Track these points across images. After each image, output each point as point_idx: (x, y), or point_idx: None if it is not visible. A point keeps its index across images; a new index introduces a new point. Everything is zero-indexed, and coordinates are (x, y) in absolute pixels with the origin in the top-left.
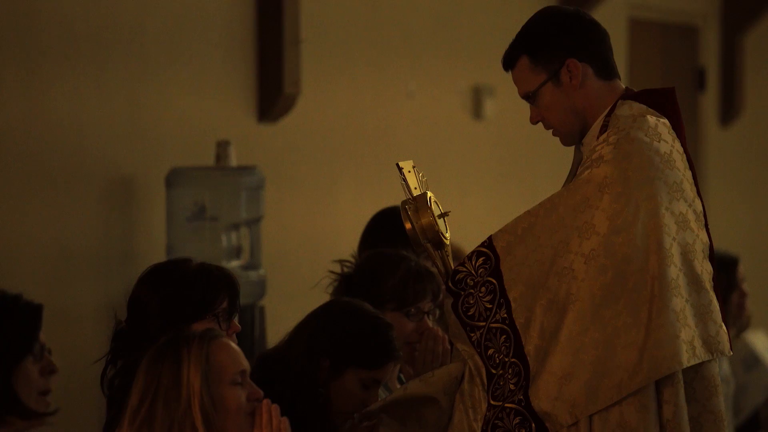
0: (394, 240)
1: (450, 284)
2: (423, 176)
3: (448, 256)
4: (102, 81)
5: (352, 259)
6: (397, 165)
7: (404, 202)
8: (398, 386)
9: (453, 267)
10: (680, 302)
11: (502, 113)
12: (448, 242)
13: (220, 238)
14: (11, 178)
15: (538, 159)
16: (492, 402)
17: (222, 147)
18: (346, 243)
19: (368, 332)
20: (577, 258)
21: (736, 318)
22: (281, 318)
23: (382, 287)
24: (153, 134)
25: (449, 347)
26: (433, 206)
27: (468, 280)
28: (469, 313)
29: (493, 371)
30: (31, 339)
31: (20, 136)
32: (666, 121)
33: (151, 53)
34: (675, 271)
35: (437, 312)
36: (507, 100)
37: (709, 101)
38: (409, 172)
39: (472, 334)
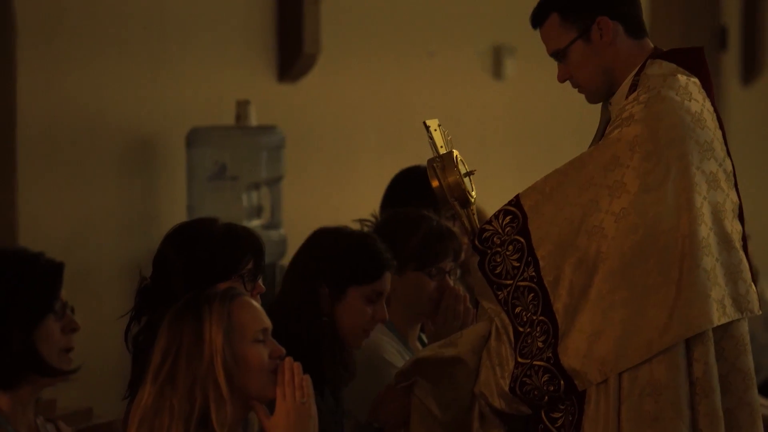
0: (417, 198)
1: (476, 242)
2: (448, 134)
3: (474, 214)
4: (122, 41)
5: (373, 219)
6: (424, 123)
7: (431, 160)
8: (419, 346)
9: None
10: (710, 261)
11: (523, 73)
12: (473, 200)
13: (240, 198)
14: (33, 140)
15: (558, 119)
16: (519, 360)
17: (242, 107)
18: (367, 202)
19: (358, 248)
20: (607, 216)
21: None
22: None
23: (403, 247)
24: (173, 94)
25: (471, 307)
26: (459, 165)
27: (494, 239)
28: (496, 272)
29: (521, 329)
30: (52, 297)
31: (41, 98)
32: (696, 80)
33: (172, 13)
34: (705, 231)
35: (458, 271)
36: (527, 60)
37: (731, 60)
38: (435, 130)
39: (499, 293)
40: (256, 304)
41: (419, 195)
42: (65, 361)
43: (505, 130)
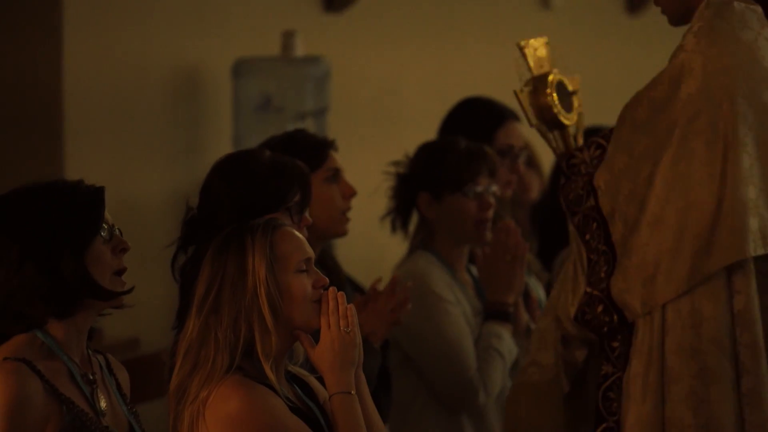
0: (472, 129)
1: (564, 166)
2: (555, 52)
3: (569, 136)
4: None
5: (405, 158)
6: (518, 44)
7: (530, 80)
8: (467, 277)
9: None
10: (754, 191)
11: (570, 2)
12: (569, 122)
13: (285, 129)
14: (79, 75)
15: (607, 48)
16: (586, 288)
17: (288, 37)
18: (412, 132)
19: (293, 143)
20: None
21: None
22: None
23: (435, 174)
24: (219, 24)
25: (522, 240)
26: (554, 87)
27: (581, 168)
28: (570, 197)
29: (592, 257)
30: (96, 219)
31: (87, 32)
32: (757, 7)
33: None
34: (748, 161)
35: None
36: None
37: None
38: (536, 49)
39: (574, 218)
40: (299, 234)
41: (474, 126)
42: (118, 284)
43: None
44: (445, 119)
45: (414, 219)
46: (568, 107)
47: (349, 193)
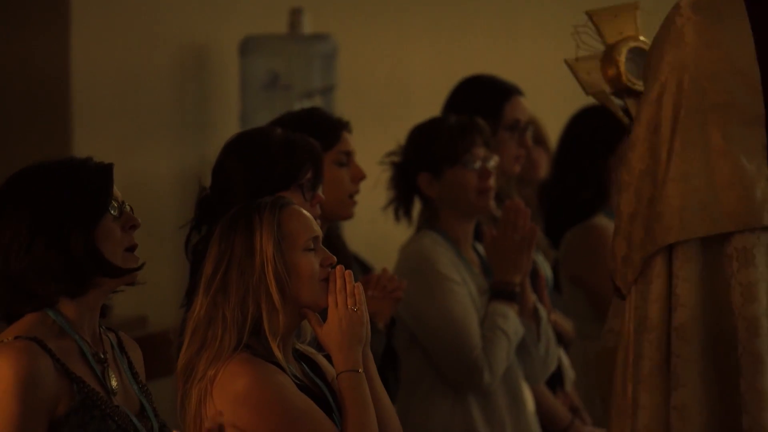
0: (477, 108)
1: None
2: (639, 19)
3: None
4: None
5: (398, 147)
6: (586, 13)
7: (607, 48)
8: (473, 256)
9: None
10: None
11: None
12: (641, 89)
13: (293, 107)
14: (87, 49)
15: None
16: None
17: (295, 14)
18: (419, 111)
19: (307, 121)
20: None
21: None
22: None
23: (431, 151)
24: (226, 2)
25: (532, 223)
26: (628, 54)
27: None
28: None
29: None
30: (105, 196)
31: (96, 7)
32: None
33: None
34: None
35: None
36: None
37: None
38: (616, 16)
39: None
40: (306, 212)
41: (480, 103)
42: (131, 260)
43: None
44: (449, 98)
45: (417, 208)
46: (636, 71)
47: (359, 176)
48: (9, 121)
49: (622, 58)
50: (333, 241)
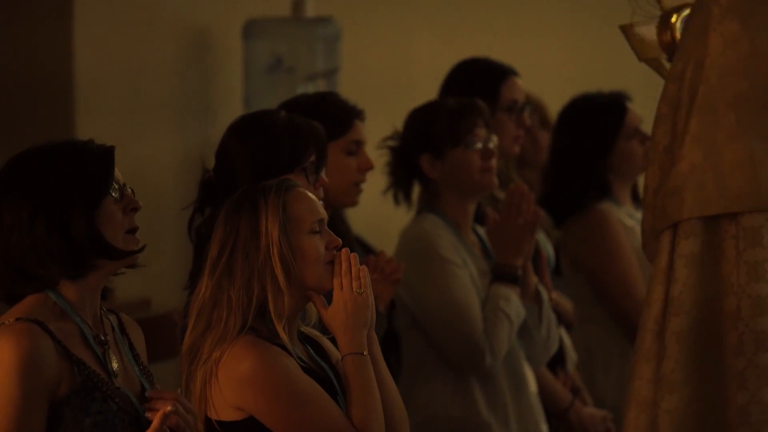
0: (473, 90)
1: None
2: None
3: None
4: None
5: (395, 132)
6: None
7: (664, 13)
8: (474, 238)
9: None
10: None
11: None
12: None
13: (296, 90)
14: (89, 32)
15: None
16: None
17: None
18: (424, 92)
19: (321, 106)
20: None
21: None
22: None
23: (434, 132)
24: None
25: (537, 207)
26: (683, 21)
27: None
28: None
29: None
30: (106, 178)
31: None
32: None
33: None
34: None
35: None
36: None
37: None
38: None
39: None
40: (311, 195)
41: (477, 85)
42: (131, 242)
43: None
44: (445, 81)
45: (415, 192)
46: None
47: (366, 166)
48: (12, 105)
49: (678, 23)
50: (337, 225)
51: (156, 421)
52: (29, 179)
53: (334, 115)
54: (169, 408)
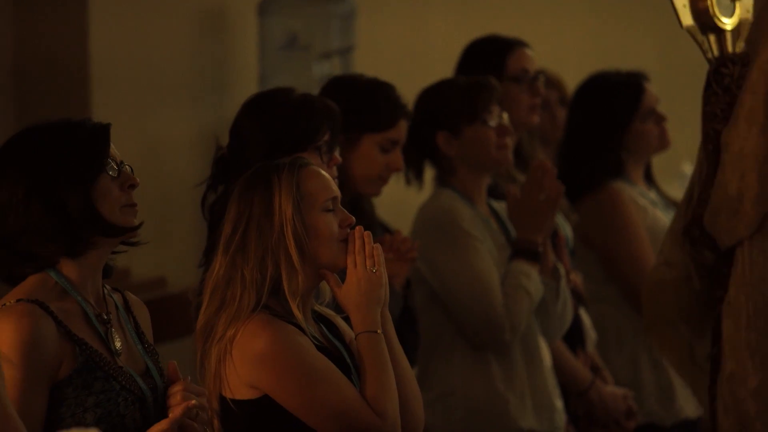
0: (488, 69)
1: (711, 72)
2: None
3: (726, 41)
4: None
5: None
6: None
7: None
8: (488, 210)
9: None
10: None
11: None
12: (725, 27)
13: (311, 68)
14: (105, 8)
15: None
16: (695, 206)
17: None
18: (439, 70)
19: (374, 95)
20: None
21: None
22: None
23: (450, 109)
24: None
25: (558, 182)
26: None
27: (726, 81)
28: (707, 108)
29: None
30: (101, 155)
31: None
32: None
33: None
34: None
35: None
36: None
37: None
38: None
39: (704, 127)
40: (325, 173)
41: (485, 59)
42: (129, 215)
43: None
44: (458, 64)
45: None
46: (727, 11)
47: (395, 167)
48: (29, 84)
49: None
50: (362, 204)
51: (178, 413)
52: (24, 158)
53: (383, 108)
54: (193, 402)
